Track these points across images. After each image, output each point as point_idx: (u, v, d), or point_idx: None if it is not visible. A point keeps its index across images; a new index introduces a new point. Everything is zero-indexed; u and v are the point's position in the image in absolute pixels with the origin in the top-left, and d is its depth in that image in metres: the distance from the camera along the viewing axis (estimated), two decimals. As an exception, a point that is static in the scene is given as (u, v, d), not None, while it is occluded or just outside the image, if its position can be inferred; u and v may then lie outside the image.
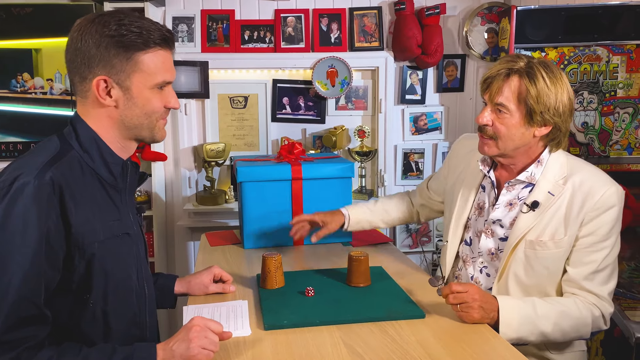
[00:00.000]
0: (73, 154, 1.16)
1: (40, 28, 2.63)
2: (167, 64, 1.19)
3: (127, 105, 1.17)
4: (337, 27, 2.70)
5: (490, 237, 1.54)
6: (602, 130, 2.59)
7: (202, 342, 1.12)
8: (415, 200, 1.94)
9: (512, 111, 1.41)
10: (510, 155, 1.49)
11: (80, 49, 1.13)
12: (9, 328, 1.01)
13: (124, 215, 1.24)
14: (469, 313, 1.32)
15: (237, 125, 2.77)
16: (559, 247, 1.43)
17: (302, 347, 1.23)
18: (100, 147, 1.18)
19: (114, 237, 1.19)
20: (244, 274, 1.73)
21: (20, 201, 1.04)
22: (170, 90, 1.22)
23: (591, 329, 1.42)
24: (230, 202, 2.70)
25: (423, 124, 2.82)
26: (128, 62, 1.14)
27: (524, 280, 1.46)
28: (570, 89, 1.43)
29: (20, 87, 2.69)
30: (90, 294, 1.15)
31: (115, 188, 1.22)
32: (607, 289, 1.44)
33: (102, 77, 1.13)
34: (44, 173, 1.07)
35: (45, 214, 1.05)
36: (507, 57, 1.46)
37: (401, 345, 1.23)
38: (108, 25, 1.12)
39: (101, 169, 1.19)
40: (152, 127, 1.21)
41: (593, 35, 2.50)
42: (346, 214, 1.88)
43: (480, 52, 2.76)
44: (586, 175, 1.45)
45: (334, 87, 2.69)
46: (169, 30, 1.19)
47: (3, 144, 2.70)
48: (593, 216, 1.41)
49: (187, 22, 2.67)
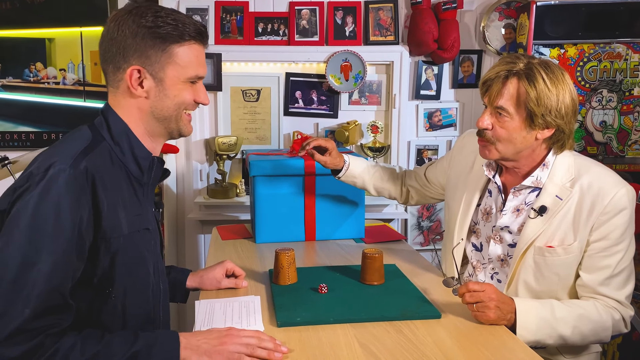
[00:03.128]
0: (105, 145, 1.16)
1: (53, 18, 2.62)
2: (200, 59, 1.20)
3: (158, 97, 1.17)
4: (352, 20, 2.66)
5: (499, 244, 1.52)
6: (620, 130, 2.54)
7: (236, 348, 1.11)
8: (409, 182, 1.92)
9: (512, 114, 1.37)
10: (513, 159, 1.45)
11: (117, 39, 1.14)
12: (35, 316, 1.00)
13: (145, 210, 1.23)
14: (484, 313, 1.30)
15: (249, 119, 2.75)
16: (568, 253, 1.40)
17: (316, 346, 1.21)
18: (130, 140, 1.19)
19: (136, 231, 1.18)
20: (256, 268, 1.71)
21: (55, 189, 1.03)
22: (201, 85, 1.23)
23: (611, 332, 1.39)
24: (241, 196, 2.69)
25: (437, 120, 2.78)
26: (163, 54, 1.15)
27: (534, 287, 1.44)
28: (573, 89, 1.38)
29: (33, 76, 2.68)
30: (113, 288, 1.14)
31: (140, 182, 1.22)
32: (625, 293, 1.41)
33: (136, 67, 1.14)
34: (78, 162, 1.07)
35: (79, 203, 1.05)
36: (506, 58, 1.41)
37: (417, 346, 1.20)
38: (145, 17, 1.13)
39: (130, 162, 1.19)
40: (179, 119, 1.21)
41: (614, 32, 2.45)
42: (347, 162, 1.83)
43: (497, 47, 2.71)
44: (595, 176, 1.40)
45: (348, 82, 2.66)
46: (203, 25, 1.20)
47: (15, 134, 2.70)
48: (604, 220, 1.37)
49: (200, 14, 2.65)
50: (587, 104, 2.54)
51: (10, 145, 2.69)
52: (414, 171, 1.92)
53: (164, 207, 2.69)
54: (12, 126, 2.70)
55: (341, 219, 2.03)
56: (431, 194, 1.87)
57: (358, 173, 1.85)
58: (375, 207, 2.70)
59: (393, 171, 1.94)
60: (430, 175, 1.84)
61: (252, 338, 1.14)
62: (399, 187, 1.93)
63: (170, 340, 1.09)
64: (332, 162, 1.80)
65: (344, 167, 1.83)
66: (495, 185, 1.53)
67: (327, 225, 2.01)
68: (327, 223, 2.01)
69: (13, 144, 2.70)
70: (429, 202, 1.95)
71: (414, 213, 2.84)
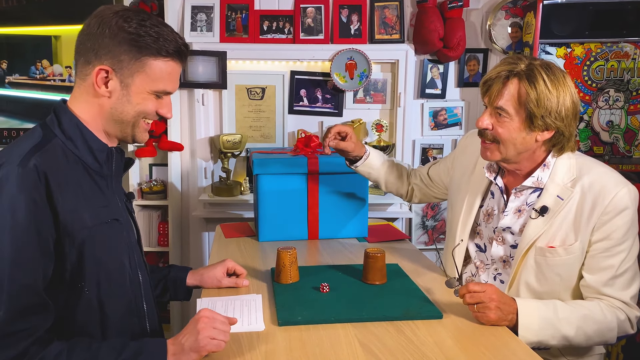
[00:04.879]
0: (56, 141, 1.15)
1: (60, 15, 2.63)
2: (173, 76, 1.19)
3: (120, 100, 1.17)
4: (358, 18, 2.66)
5: (501, 245, 1.51)
6: (627, 130, 2.52)
7: (210, 332, 1.11)
8: (413, 180, 1.91)
9: (512, 115, 1.37)
10: (514, 161, 1.44)
11: (94, 35, 1.13)
12: (12, 318, 1.00)
13: (111, 202, 1.23)
14: (485, 314, 1.29)
15: (253, 117, 2.75)
16: (570, 254, 1.39)
17: (316, 345, 1.21)
18: (83, 134, 1.18)
19: (102, 223, 1.18)
20: (258, 267, 1.71)
21: (7, 189, 1.03)
22: (167, 100, 1.22)
23: (617, 333, 1.38)
24: (245, 194, 2.69)
25: (443, 119, 2.77)
26: (136, 62, 1.14)
27: (535, 288, 1.43)
28: (574, 91, 1.37)
29: (39, 74, 2.69)
30: (84, 282, 1.14)
31: (100, 174, 1.21)
32: (630, 293, 1.40)
33: (105, 67, 1.14)
34: (27, 161, 1.07)
35: (33, 201, 1.05)
36: (508, 59, 1.41)
37: (418, 347, 1.20)
38: (129, 22, 1.12)
39: (86, 156, 1.18)
40: (136, 125, 1.21)
41: (621, 31, 2.43)
42: (368, 152, 1.81)
43: (503, 46, 2.69)
44: (596, 176, 1.39)
45: (353, 80, 2.65)
46: (185, 45, 1.19)
47: (22, 130, 2.71)
48: (605, 220, 1.36)
49: (206, 12, 2.65)
50: (593, 104, 2.52)
51: (17, 142, 2.71)
52: (418, 170, 1.92)
53: (169, 205, 2.69)
54: (19, 123, 2.72)
55: (344, 217, 2.02)
56: (434, 193, 1.87)
57: (377, 165, 1.84)
58: (379, 206, 2.69)
59: (403, 168, 1.94)
60: (434, 174, 1.84)
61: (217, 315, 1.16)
62: (405, 185, 1.93)
63: (157, 347, 1.10)
64: (355, 148, 1.79)
65: (364, 157, 1.81)
66: (497, 187, 1.53)
67: (330, 224, 2.01)
68: (330, 222, 2.01)
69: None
70: (432, 200, 1.94)
71: (418, 212, 2.83)
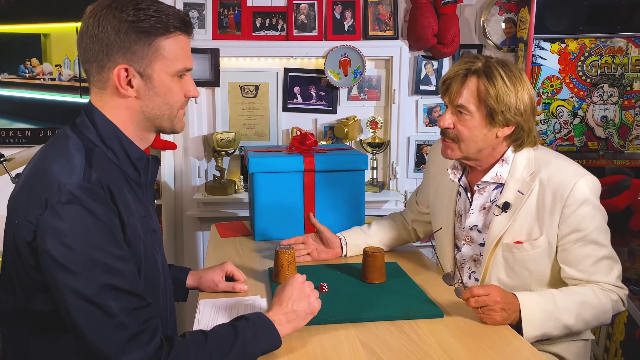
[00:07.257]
0: (98, 151, 1.09)
1: (49, 13, 2.59)
2: (187, 50, 1.14)
3: (148, 95, 1.11)
4: (351, 15, 2.64)
5: (469, 244, 1.53)
6: (621, 125, 2.53)
7: (314, 293, 1.21)
8: (408, 218, 1.86)
9: (473, 112, 1.39)
10: (475, 158, 1.46)
11: (98, 36, 1.07)
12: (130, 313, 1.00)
13: (148, 211, 1.19)
14: (490, 316, 1.29)
15: (247, 115, 2.72)
16: (536, 248, 1.41)
17: (318, 346, 1.20)
18: (122, 142, 1.12)
19: (146, 234, 1.15)
20: (256, 267, 1.69)
21: (83, 203, 0.99)
22: (189, 78, 1.17)
23: (611, 313, 1.41)
24: (239, 193, 2.67)
25: (437, 115, 2.76)
26: (149, 49, 1.08)
27: (507, 283, 1.46)
28: (530, 87, 1.41)
29: (28, 72, 2.65)
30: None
31: (137, 183, 1.17)
32: (614, 274, 1.42)
33: (123, 66, 1.08)
34: (88, 175, 1.02)
35: (106, 215, 1.01)
36: (465, 58, 1.44)
37: (420, 346, 1.19)
38: (125, 10, 1.06)
39: (125, 165, 1.13)
40: (173, 117, 1.16)
41: (615, 26, 2.43)
42: (342, 238, 1.77)
43: (497, 42, 2.69)
44: (553, 169, 1.41)
45: (347, 77, 2.63)
46: (187, 15, 1.15)
47: (11, 130, 2.67)
48: (569, 213, 1.37)
49: (197, 8, 2.62)
50: (588, 99, 2.52)
51: (6, 142, 2.66)
52: (407, 205, 1.89)
53: (162, 204, 2.66)
54: (8, 123, 2.67)
55: (341, 216, 2.01)
56: (429, 219, 1.79)
57: (358, 243, 1.77)
58: (375, 204, 2.68)
59: (391, 220, 1.87)
60: (420, 199, 1.80)
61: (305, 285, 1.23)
62: (404, 229, 1.85)
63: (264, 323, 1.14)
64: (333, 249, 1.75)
65: (342, 244, 1.76)
66: (461, 187, 1.55)
67: (326, 222, 1.98)
68: (327, 220, 1.99)
69: (9, 140, 2.67)
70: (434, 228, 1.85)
71: (413, 209, 2.83)
